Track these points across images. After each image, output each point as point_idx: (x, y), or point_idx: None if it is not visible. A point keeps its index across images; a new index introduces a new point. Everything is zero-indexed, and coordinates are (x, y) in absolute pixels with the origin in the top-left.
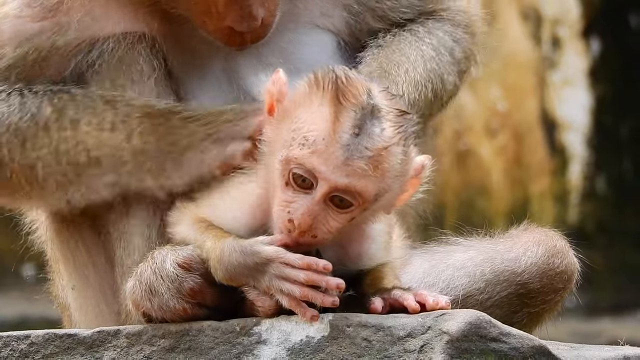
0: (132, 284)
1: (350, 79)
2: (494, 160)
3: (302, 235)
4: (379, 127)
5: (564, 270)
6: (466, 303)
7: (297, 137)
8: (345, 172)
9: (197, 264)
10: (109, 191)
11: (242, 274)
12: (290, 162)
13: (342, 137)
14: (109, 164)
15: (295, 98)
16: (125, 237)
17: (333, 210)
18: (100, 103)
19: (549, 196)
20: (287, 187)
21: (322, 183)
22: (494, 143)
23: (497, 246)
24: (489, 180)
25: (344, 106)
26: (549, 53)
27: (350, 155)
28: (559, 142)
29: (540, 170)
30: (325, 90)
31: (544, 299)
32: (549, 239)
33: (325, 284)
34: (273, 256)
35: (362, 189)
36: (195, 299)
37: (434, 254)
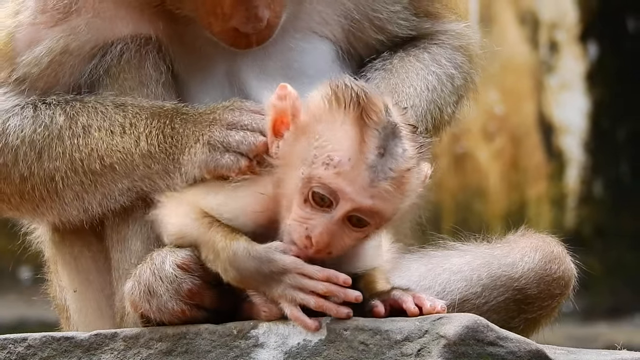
0: (130, 284)
1: (370, 96)
2: (491, 164)
3: (319, 252)
4: (401, 147)
5: (561, 276)
6: (463, 307)
7: (321, 156)
8: (370, 194)
9: (195, 265)
10: (125, 197)
11: (255, 279)
12: (312, 180)
13: (369, 158)
14: (122, 169)
15: (313, 113)
16: (123, 241)
17: (349, 229)
18: (111, 107)
19: (546, 200)
20: (305, 204)
21: (344, 203)
22: (491, 146)
23: (494, 251)
24: (486, 184)
25: (368, 126)
26: (547, 57)
27: (375, 177)
28: (556, 145)
29: (538, 174)
30: (348, 109)
31: (541, 305)
32: (547, 245)
33: (344, 295)
34: (291, 267)
35: (382, 210)
36: (193, 300)
37: (431, 258)
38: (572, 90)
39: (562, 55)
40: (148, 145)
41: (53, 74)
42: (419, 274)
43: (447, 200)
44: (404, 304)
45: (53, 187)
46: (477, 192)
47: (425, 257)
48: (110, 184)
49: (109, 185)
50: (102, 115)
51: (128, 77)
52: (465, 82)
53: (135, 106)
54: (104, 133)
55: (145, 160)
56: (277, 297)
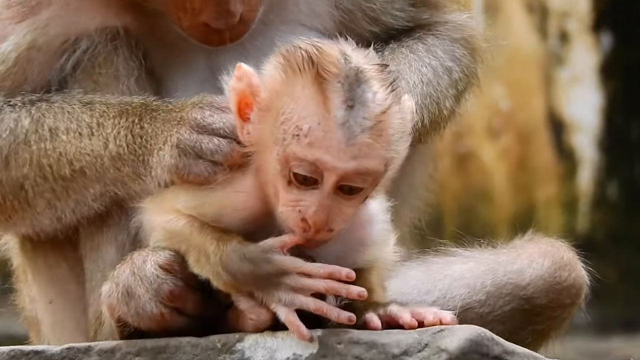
0: (108, 287)
1: (323, 49)
2: (496, 164)
3: (319, 232)
4: (369, 91)
5: (572, 284)
6: (465, 316)
7: (289, 129)
8: (350, 155)
9: (179, 267)
10: (99, 203)
11: (250, 283)
12: (288, 159)
13: (337, 114)
14: (93, 174)
15: (271, 87)
16: (96, 250)
17: (344, 198)
18: (78, 106)
19: (556, 203)
20: (290, 186)
21: (328, 175)
22: (496, 145)
23: (499, 257)
24: (491, 186)
25: (328, 80)
26: (556, 48)
27: (351, 133)
28: (567, 144)
29: (547, 174)
30: (303, 70)
31: (551, 315)
32: (556, 250)
33: (346, 292)
34: (290, 267)
35: (372, 167)
36: (174, 303)
37: (430, 265)
38: (584, 84)
39: (573, 46)
40: (117, 147)
41: (21, 71)
42: (417, 279)
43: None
44: (400, 320)
45: (23, 196)
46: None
47: (425, 263)
48: (82, 189)
49: (80, 191)
50: (69, 116)
51: (102, 73)
52: (466, 76)
53: (103, 104)
54: (72, 135)
55: (115, 163)
56: (275, 302)
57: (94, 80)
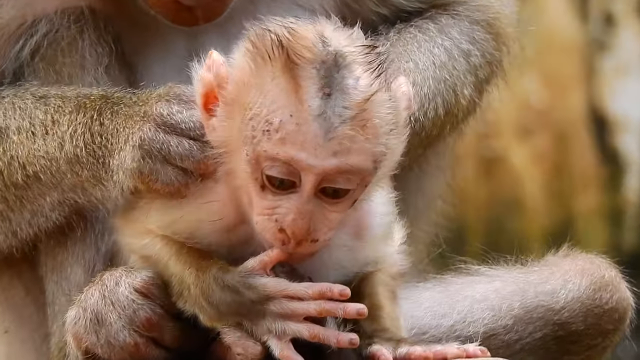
0: (74, 312)
1: (295, 31)
2: (528, 169)
3: (300, 244)
4: (351, 77)
5: (614, 307)
6: (489, 344)
7: (259, 125)
8: (330, 150)
9: (158, 291)
10: (57, 212)
11: (235, 313)
12: (260, 159)
13: (313, 104)
14: (49, 179)
15: (239, 78)
16: (59, 269)
17: (329, 202)
18: (31, 101)
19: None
20: (264, 191)
21: (306, 175)
22: (528, 147)
23: (529, 276)
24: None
25: (301, 66)
26: (599, 33)
27: (329, 125)
28: (611, 145)
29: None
30: (272, 57)
31: (589, 344)
32: (596, 268)
33: (342, 312)
34: (274, 291)
35: (356, 164)
36: (151, 332)
37: (449, 285)
38: (631, 75)
39: (618, 31)
40: (74, 148)
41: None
42: (432, 300)
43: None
44: (412, 355)
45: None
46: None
47: (442, 283)
48: (38, 197)
49: (36, 199)
50: (22, 113)
51: (66, 62)
52: (488, 63)
53: (59, 97)
54: (24, 135)
55: (72, 167)
56: (265, 333)
57: (56, 71)
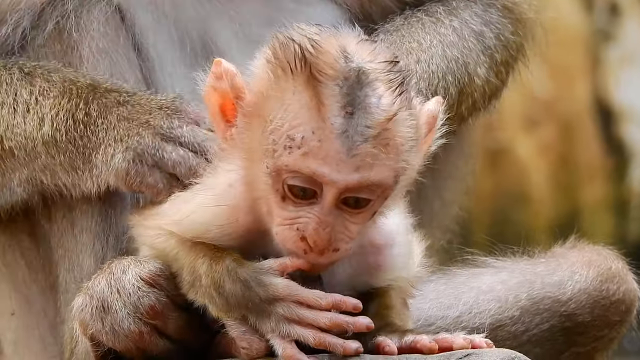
0: (81, 300)
1: (318, 44)
2: (534, 160)
3: (322, 253)
4: (373, 95)
5: (621, 298)
6: (495, 336)
7: (280, 139)
8: (353, 166)
9: (165, 282)
10: (22, 189)
11: (243, 307)
12: (281, 172)
13: (335, 122)
14: (22, 156)
15: (258, 88)
16: (70, 256)
17: (349, 213)
18: (17, 76)
19: (604, 205)
20: (285, 202)
21: (328, 188)
22: (534, 138)
23: (536, 267)
24: (528, 186)
25: (323, 83)
26: (604, 24)
27: (351, 143)
28: (617, 136)
29: (593, 172)
30: (295, 71)
31: (596, 335)
32: (603, 259)
33: (353, 327)
34: (283, 293)
35: (378, 179)
36: (155, 320)
37: (455, 276)
38: (636, 66)
39: (623, 22)
40: (53, 131)
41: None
42: (438, 292)
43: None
44: (418, 344)
45: None
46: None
47: (448, 275)
48: (10, 171)
49: (7, 173)
50: (7, 87)
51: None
52: (503, 44)
53: (45, 79)
54: (6, 110)
55: (48, 149)
56: (269, 332)
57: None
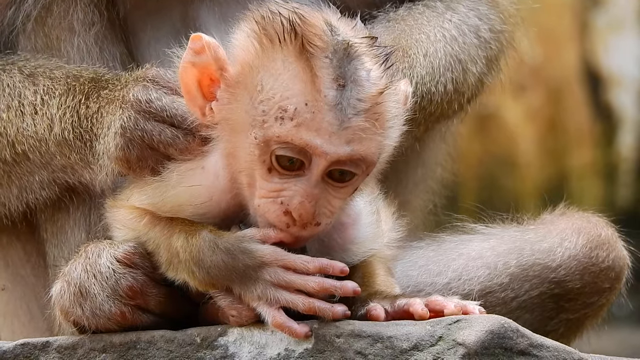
0: (59, 286)
1: (305, 17)
2: (522, 126)
3: (304, 227)
4: (362, 68)
5: (610, 265)
6: (485, 302)
7: (271, 110)
8: (344, 139)
9: (140, 260)
10: (49, 190)
11: (226, 278)
12: (270, 142)
13: (328, 95)
14: (38, 158)
15: (244, 60)
16: (60, 234)
17: (333, 187)
18: (19, 78)
19: (592, 171)
20: (270, 174)
21: (317, 160)
22: (522, 104)
23: (526, 234)
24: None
25: (315, 55)
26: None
27: (344, 115)
28: (605, 101)
29: (581, 137)
30: (284, 42)
31: (586, 302)
32: (592, 226)
33: (341, 291)
34: (270, 258)
35: (366, 153)
36: (135, 300)
37: (443, 243)
38: (625, 31)
39: None
40: (62, 131)
41: None
42: (427, 259)
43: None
44: (411, 307)
45: None
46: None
47: (437, 242)
48: (27, 175)
49: (25, 176)
50: (10, 91)
51: (55, 24)
52: (496, 38)
53: (47, 77)
54: (13, 114)
55: (61, 149)
56: (255, 299)
57: (45, 33)
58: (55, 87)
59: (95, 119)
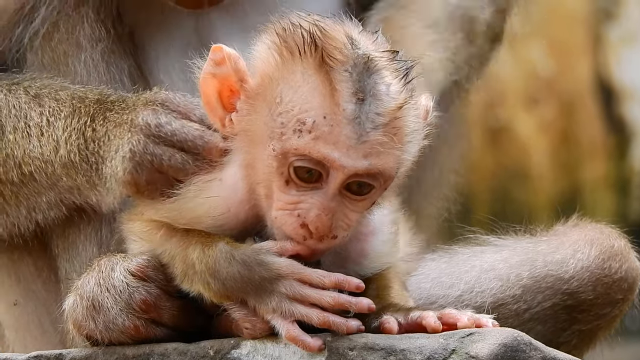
0: (72, 300)
1: (325, 30)
2: (535, 139)
3: (321, 240)
4: (382, 83)
5: (623, 276)
6: (497, 314)
7: (289, 122)
8: (362, 153)
9: (154, 273)
10: (56, 210)
11: (242, 290)
12: (288, 154)
13: (347, 108)
14: (44, 180)
15: (264, 71)
16: (71, 248)
17: (351, 200)
18: (25, 100)
19: (605, 184)
20: (288, 186)
21: (335, 173)
22: (535, 116)
23: (538, 246)
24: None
25: (335, 68)
26: (605, 2)
27: (362, 129)
28: (618, 114)
29: (594, 150)
30: (304, 54)
31: (598, 313)
32: (605, 238)
33: (356, 307)
34: (287, 271)
35: (384, 167)
36: (148, 313)
37: (456, 255)
38: (638, 44)
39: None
40: (68, 153)
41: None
42: (439, 271)
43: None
44: (424, 320)
45: None
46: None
47: (449, 254)
48: (35, 195)
49: (33, 197)
50: (17, 112)
51: (63, 40)
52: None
53: (53, 98)
54: (20, 135)
55: (67, 171)
56: (270, 312)
57: (51, 48)
58: (60, 108)
59: (102, 142)
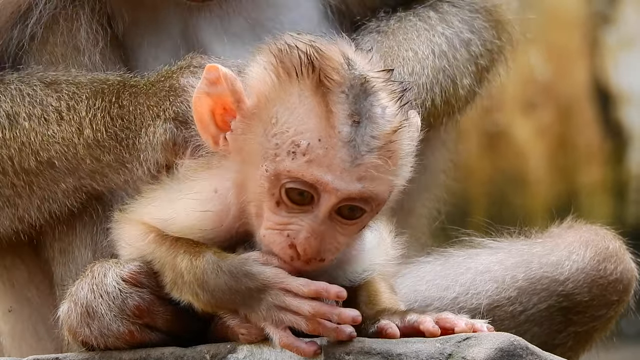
0: (66, 306)
1: (322, 51)
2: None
3: (309, 262)
4: (378, 105)
5: (618, 278)
6: (493, 316)
7: (284, 144)
8: (356, 176)
9: (146, 279)
10: (72, 199)
11: (230, 300)
12: (281, 176)
13: (342, 131)
14: (64, 165)
15: (260, 92)
16: (66, 253)
17: (341, 224)
18: (40, 87)
19: (602, 189)
20: (279, 207)
21: (327, 196)
22: (532, 121)
23: (533, 248)
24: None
25: (331, 90)
26: (602, 6)
27: (357, 152)
28: (615, 119)
29: (592, 155)
30: (301, 76)
31: (594, 315)
32: (600, 239)
33: (337, 317)
34: (272, 281)
35: (377, 191)
36: (142, 319)
37: (451, 257)
38: (635, 49)
39: (621, 5)
40: (94, 132)
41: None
42: (434, 273)
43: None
44: (421, 325)
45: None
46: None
47: (444, 256)
48: (51, 184)
49: (48, 186)
50: (31, 100)
51: (59, 42)
52: (488, 51)
53: (71, 83)
54: (36, 122)
55: (92, 152)
56: (261, 320)
57: (51, 52)
58: (80, 91)
59: (132, 116)
